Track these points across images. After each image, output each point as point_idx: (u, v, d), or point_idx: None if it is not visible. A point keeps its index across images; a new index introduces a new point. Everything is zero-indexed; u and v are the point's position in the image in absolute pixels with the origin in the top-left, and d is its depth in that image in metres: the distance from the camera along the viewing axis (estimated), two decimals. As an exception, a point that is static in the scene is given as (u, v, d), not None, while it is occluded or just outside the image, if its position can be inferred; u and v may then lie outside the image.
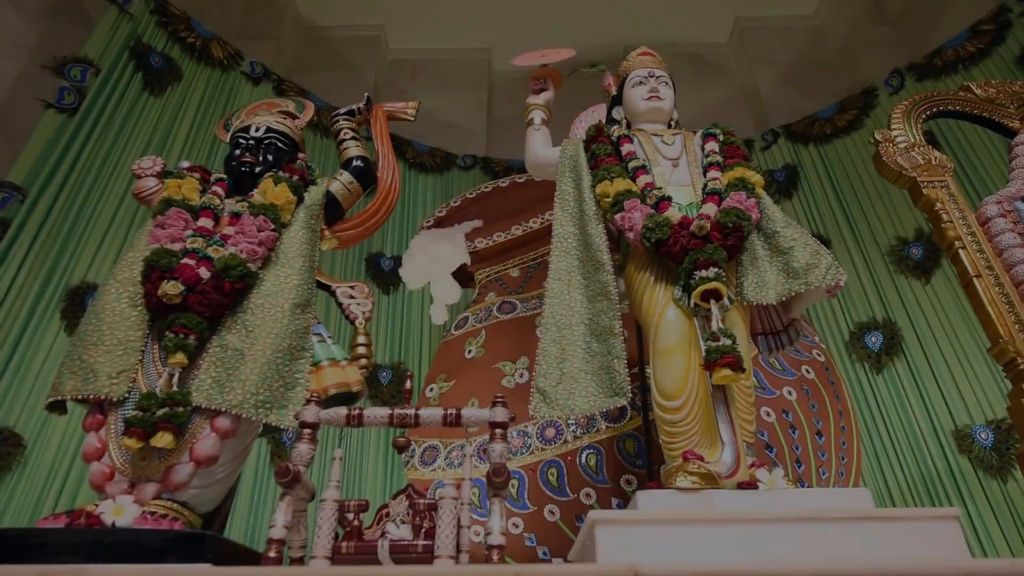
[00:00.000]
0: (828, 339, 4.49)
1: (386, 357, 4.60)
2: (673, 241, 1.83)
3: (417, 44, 7.08)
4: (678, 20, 7.05)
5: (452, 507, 1.32)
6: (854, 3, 6.50)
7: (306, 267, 1.93)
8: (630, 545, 1.34)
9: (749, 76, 6.63)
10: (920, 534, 1.34)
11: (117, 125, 3.87)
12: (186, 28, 4.54)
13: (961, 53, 4.70)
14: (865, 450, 4.07)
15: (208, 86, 4.55)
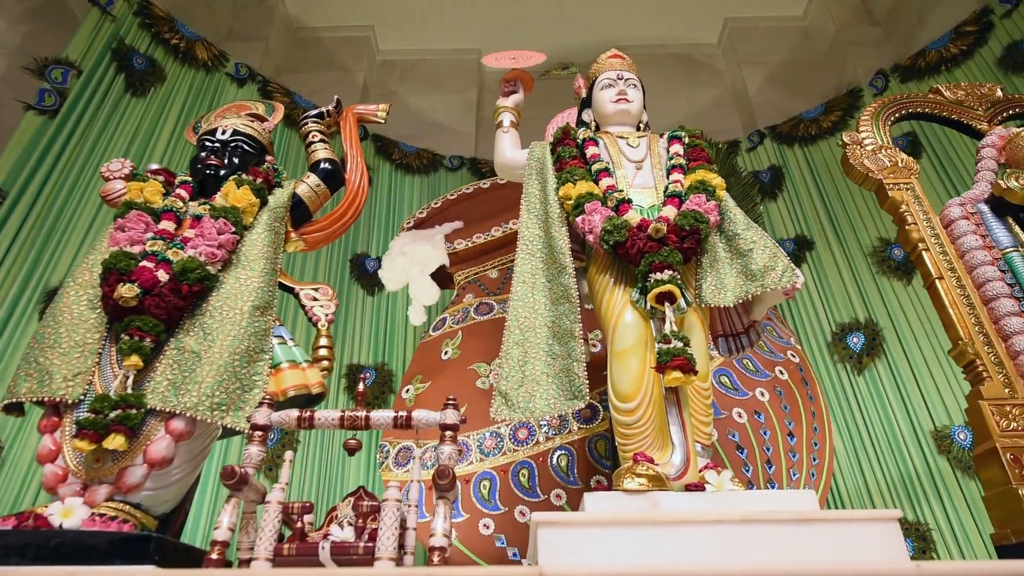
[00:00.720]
0: (810, 340, 4.50)
1: (370, 358, 4.60)
2: (630, 244, 1.83)
3: (407, 45, 7.09)
4: (668, 21, 7.06)
5: (395, 509, 1.33)
6: (842, 4, 6.51)
7: (267, 269, 1.94)
8: (573, 547, 1.35)
9: (738, 77, 6.65)
10: (861, 536, 1.35)
11: (98, 127, 3.87)
12: (170, 30, 4.54)
13: (944, 54, 4.70)
14: (845, 450, 4.08)
15: (192, 88, 4.55)
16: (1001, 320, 1.99)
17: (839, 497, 3.97)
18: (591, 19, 7.01)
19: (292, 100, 5.14)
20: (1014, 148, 2.31)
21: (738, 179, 4.49)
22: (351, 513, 1.40)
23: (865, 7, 6.42)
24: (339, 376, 4.48)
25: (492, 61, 2.61)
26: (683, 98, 6.77)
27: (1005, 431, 1.81)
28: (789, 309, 4.72)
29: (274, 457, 3.95)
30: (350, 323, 4.68)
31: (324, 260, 4.79)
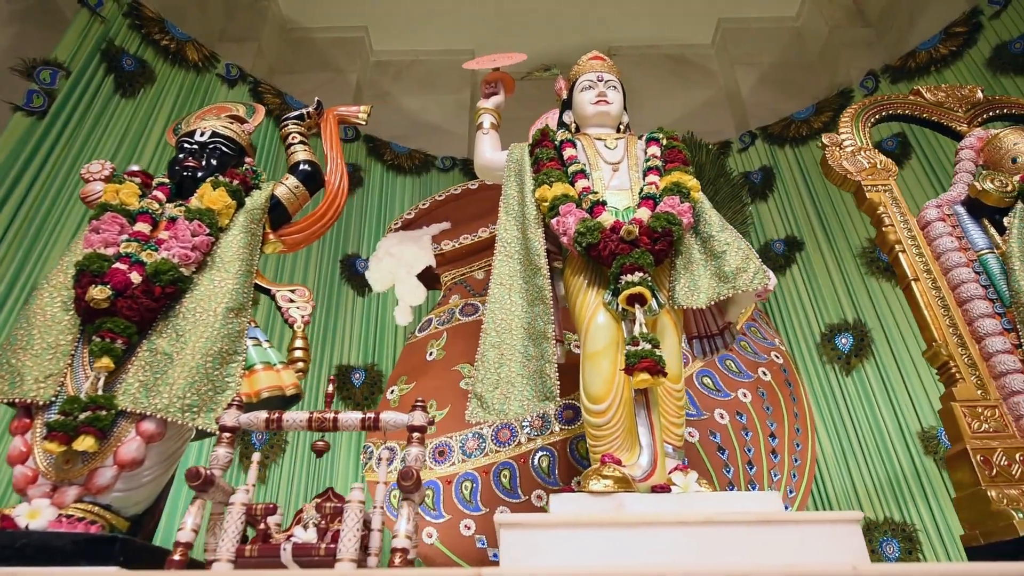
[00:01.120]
0: (799, 340, 4.51)
1: (359, 359, 4.61)
2: (602, 245, 1.84)
3: (401, 46, 7.11)
4: (662, 21, 7.07)
5: (357, 511, 1.33)
6: (835, 4, 6.52)
7: (243, 271, 1.94)
8: (536, 548, 1.35)
9: (731, 77, 6.66)
10: (822, 538, 1.35)
11: (87, 128, 3.88)
12: (160, 31, 4.55)
13: (934, 55, 4.71)
14: (833, 451, 4.09)
15: (182, 89, 4.57)
16: (975, 322, 1.99)
17: (826, 498, 3.98)
18: (584, 20, 7.02)
19: (283, 101, 5.15)
20: (992, 150, 2.32)
21: (727, 180, 4.50)
22: (316, 515, 1.40)
23: (857, 8, 6.42)
24: (329, 375, 4.48)
25: (474, 65, 2.62)
26: (676, 99, 6.78)
27: (976, 432, 1.81)
28: (779, 309, 4.73)
29: (263, 458, 3.96)
30: (340, 324, 4.70)
31: (315, 261, 4.80)
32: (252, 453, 3.92)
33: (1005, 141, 2.28)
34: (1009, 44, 4.28)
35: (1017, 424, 1.83)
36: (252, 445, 3.94)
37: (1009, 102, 2.59)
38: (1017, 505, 1.65)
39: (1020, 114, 2.56)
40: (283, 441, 4.04)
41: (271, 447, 3.98)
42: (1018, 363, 1.89)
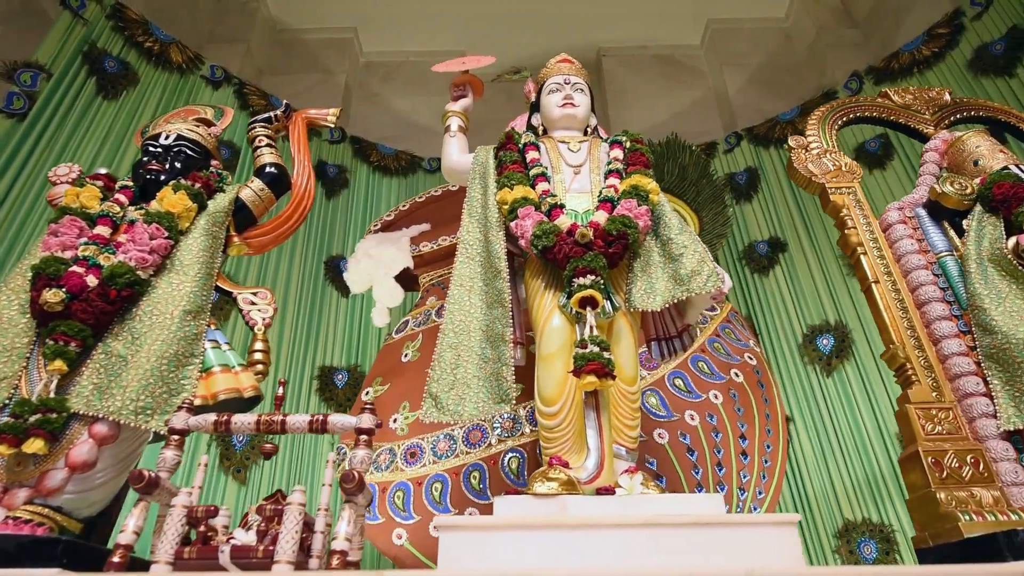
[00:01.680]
0: (781, 341, 4.52)
1: (342, 360, 4.63)
2: (557, 248, 1.85)
3: (390, 46, 7.10)
4: (651, 22, 7.06)
5: (297, 513, 1.34)
6: (823, 6, 6.52)
7: (202, 274, 1.95)
8: (476, 550, 1.36)
9: (719, 78, 6.66)
10: (761, 540, 1.36)
11: (68, 130, 3.90)
12: (144, 32, 4.57)
13: (916, 56, 4.72)
14: (812, 451, 4.10)
15: (166, 90, 4.58)
16: (932, 324, 2.00)
17: (805, 498, 3.99)
18: (575, 21, 7.02)
19: (268, 102, 5.17)
20: (955, 152, 2.33)
21: (710, 182, 4.49)
22: (258, 517, 1.41)
23: (845, 9, 6.43)
24: (311, 378, 4.50)
25: (443, 68, 2.62)
26: (665, 99, 6.78)
27: (929, 435, 1.82)
28: (761, 310, 4.74)
29: (243, 459, 3.97)
30: (323, 325, 4.71)
31: (299, 262, 4.81)
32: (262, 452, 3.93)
33: (968, 144, 2.29)
34: (990, 45, 4.29)
35: (970, 426, 1.84)
36: (232, 447, 3.95)
37: (976, 104, 2.60)
38: (965, 507, 1.66)
39: (987, 116, 2.57)
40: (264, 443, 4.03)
41: (252, 448, 3.99)
42: (973, 365, 1.90)
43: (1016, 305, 1.83)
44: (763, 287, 4.82)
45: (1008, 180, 2.04)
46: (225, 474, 3.85)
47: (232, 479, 3.86)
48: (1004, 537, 1.42)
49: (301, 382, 4.42)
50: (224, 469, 3.85)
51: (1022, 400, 1.75)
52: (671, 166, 4.60)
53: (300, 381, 4.42)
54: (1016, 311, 1.82)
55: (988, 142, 2.26)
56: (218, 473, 3.84)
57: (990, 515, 1.62)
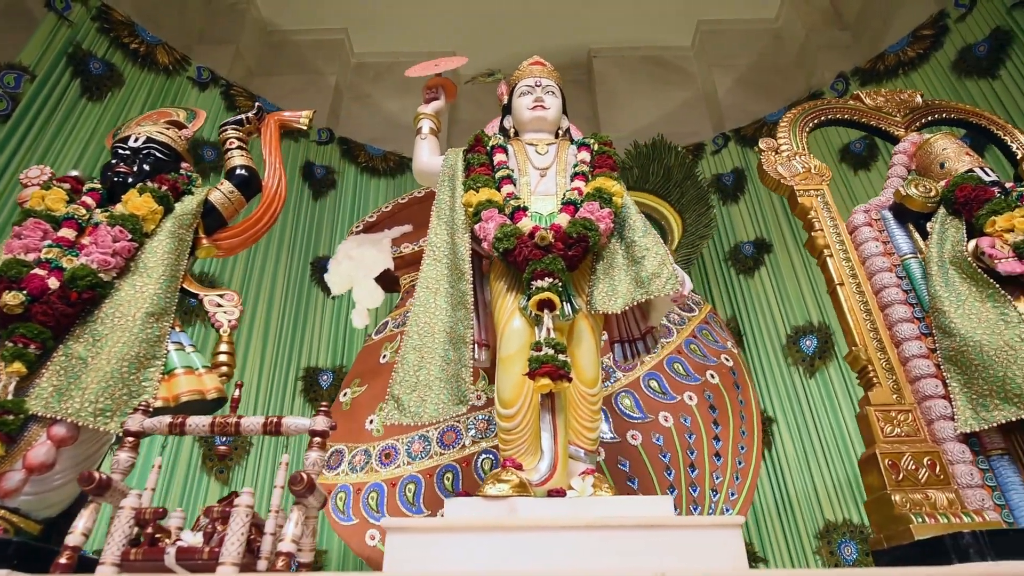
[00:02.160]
0: (765, 342, 4.52)
1: (327, 361, 4.63)
2: (518, 251, 1.86)
3: (381, 47, 7.11)
4: (642, 23, 7.06)
5: (243, 515, 1.35)
6: (812, 7, 6.52)
7: (166, 276, 1.96)
8: (422, 553, 1.37)
9: (709, 79, 6.66)
10: (705, 542, 1.37)
11: (52, 131, 3.90)
12: (130, 34, 4.58)
13: (902, 58, 4.73)
14: (795, 451, 4.10)
15: (152, 92, 4.59)
16: (895, 326, 2.01)
17: (787, 498, 3.99)
18: (566, 22, 7.03)
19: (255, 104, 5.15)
20: (922, 154, 2.33)
21: (694, 183, 4.51)
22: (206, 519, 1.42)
23: (835, 10, 6.43)
24: (296, 379, 4.51)
25: (415, 71, 2.63)
26: (655, 101, 6.78)
27: (888, 437, 1.82)
28: (746, 311, 4.74)
29: (226, 460, 3.97)
30: (309, 326, 4.72)
31: (284, 263, 4.82)
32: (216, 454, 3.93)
33: (935, 146, 2.29)
34: (973, 47, 4.28)
35: (929, 428, 1.84)
36: (215, 446, 3.96)
37: (948, 107, 2.60)
38: (919, 509, 1.67)
39: (958, 118, 2.58)
40: (247, 443, 4.05)
41: (235, 448, 3.99)
42: (933, 368, 1.91)
43: (975, 308, 1.84)
44: (748, 288, 4.83)
45: (971, 183, 2.05)
46: (208, 475, 3.85)
47: (215, 479, 3.86)
48: (950, 540, 1.43)
49: (286, 383, 4.43)
50: (207, 470, 3.86)
51: (979, 403, 1.76)
52: (656, 167, 4.61)
53: (285, 382, 4.43)
54: (974, 314, 1.83)
55: (955, 145, 2.26)
56: (200, 473, 3.84)
57: (943, 517, 1.62)
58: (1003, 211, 1.92)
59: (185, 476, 3.78)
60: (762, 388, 4.41)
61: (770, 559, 3.91)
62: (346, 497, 2.79)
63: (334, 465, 2.91)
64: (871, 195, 4.39)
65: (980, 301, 1.85)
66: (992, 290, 1.83)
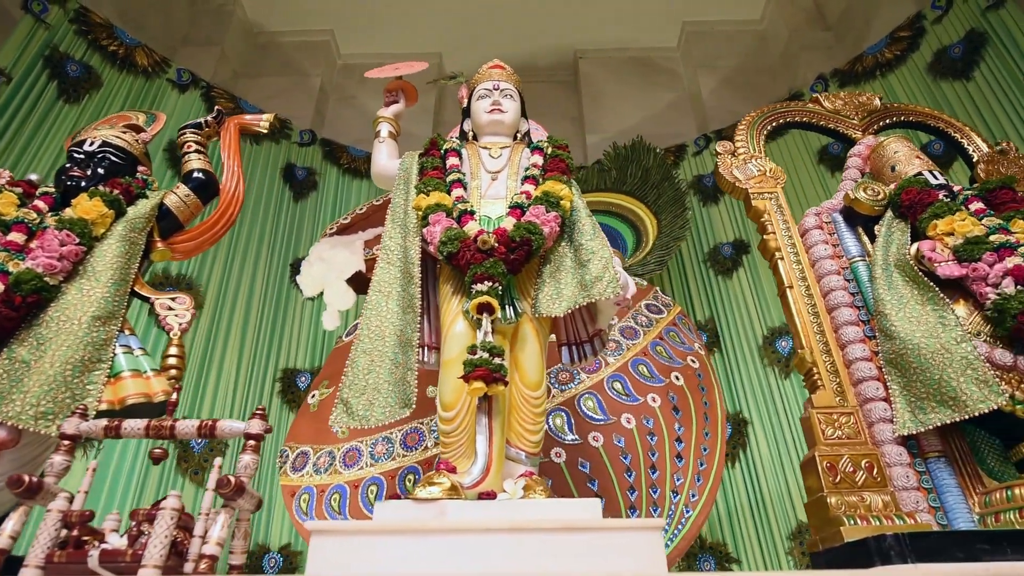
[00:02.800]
0: (742, 342, 4.54)
1: (306, 362, 4.65)
2: (461, 255, 1.87)
3: (367, 49, 7.11)
4: (629, 25, 7.07)
5: (168, 518, 1.36)
6: (797, 8, 6.52)
7: (116, 280, 1.97)
8: (345, 556, 1.38)
9: (694, 80, 6.67)
10: (627, 545, 1.38)
11: (28, 133, 3.92)
12: (108, 36, 4.59)
13: (879, 59, 4.74)
14: (770, 452, 4.11)
15: (130, 94, 4.60)
16: (840, 329, 2.02)
17: (760, 499, 4.00)
18: (552, 23, 7.04)
19: (237, 105, 5.19)
20: (875, 157, 2.34)
21: (672, 185, 4.53)
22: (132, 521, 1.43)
23: (819, 11, 6.43)
24: (274, 380, 4.52)
25: (376, 74, 2.64)
26: (640, 102, 6.79)
27: (828, 439, 1.83)
28: (724, 312, 4.75)
29: (201, 461, 3.99)
30: (288, 327, 4.73)
31: (264, 264, 4.84)
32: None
33: (887, 149, 2.30)
34: (949, 49, 4.30)
35: (870, 431, 1.85)
36: (191, 449, 3.97)
37: (906, 109, 2.61)
38: (854, 511, 1.68)
39: (917, 121, 2.59)
40: (223, 445, 4.06)
41: (210, 451, 4.01)
42: (875, 370, 1.92)
43: (915, 311, 1.85)
44: (726, 289, 4.84)
45: (916, 186, 2.06)
46: (182, 476, 3.87)
47: (189, 481, 3.88)
48: (874, 542, 1.43)
49: (263, 384, 4.45)
50: (181, 471, 3.88)
51: (917, 405, 1.77)
52: (635, 169, 4.63)
53: (263, 383, 4.45)
54: (915, 317, 1.84)
55: (906, 148, 2.27)
56: (175, 475, 3.86)
57: (875, 520, 1.63)
58: (944, 215, 1.93)
59: (160, 478, 3.79)
60: (737, 389, 4.42)
61: (743, 560, 3.92)
62: (310, 499, 2.80)
63: (299, 467, 2.93)
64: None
65: (921, 304, 1.86)
66: (932, 293, 1.84)
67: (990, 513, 1.63)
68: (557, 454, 2.67)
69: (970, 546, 1.39)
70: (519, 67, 2.77)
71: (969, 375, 1.67)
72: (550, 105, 7.01)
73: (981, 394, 1.65)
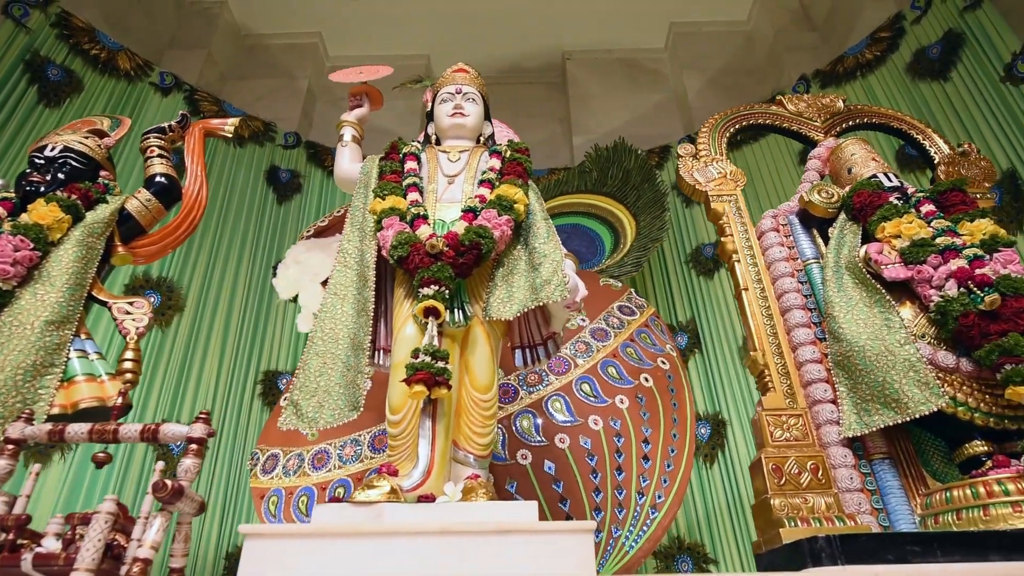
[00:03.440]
0: (722, 343, 4.54)
1: (288, 364, 4.66)
2: (410, 259, 1.88)
3: (355, 51, 7.12)
4: (616, 25, 7.07)
5: (103, 521, 1.37)
6: (783, 9, 6.53)
7: (70, 284, 1.98)
8: (277, 559, 1.39)
9: (681, 81, 6.68)
10: (558, 547, 1.39)
11: (6, 138, 3.93)
12: (90, 40, 4.60)
13: (860, 60, 4.74)
14: (748, 453, 4.11)
15: (112, 97, 4.61)
16: (792, 331, 2.02)
17: (739, 499, 4.00)
18: (539, 24, 7.04)
19: (220, 108, 5.20)
20: (834, 159, 2.35)
21: (652, 186, 4.54)
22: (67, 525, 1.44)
23: (804, 12, 6.44)
24: (255, 382, 4.53)
25: (340, 77, 2.65)
26: (627, 103, 6.80)
27: (776, 441, 1.84)
28: (705, 313, 4.76)
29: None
30: (270, 330, 4.74)
31: (246, 266, 4.85)
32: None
33: (844, 152, 2.31)
34: (927, 49, 4.30)
35: (818, 432, 1.86)
36: (171, 452, 3.99)
37: (868, 111, 2.62)
38: (796, 513, 1.68)
39: (880, 123, 2.59)
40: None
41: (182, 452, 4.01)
42: (824, 372, 1.92)
43: (863, 313, 1.85)
44: (708, 290, 4.84)
45: (868, 188, 2.06)
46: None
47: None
48: (807, 544, 1.44)
49: (245, 386, 4.46)
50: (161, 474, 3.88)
51: (863, 407, 1.78)
52: (616, 170, 4.65)
53: (244, 385, 4.46)
54: (862, 319, 1.84)
55: (863, 150, 2.28)
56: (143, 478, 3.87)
57: (816, 521, 1.64)
58: (892, 217, 1.93)
59: (138, 480, 3.81)
60: (717, 390, 4.42)
61: (720, 561, 3.92)
62: (278, 501, 2.81)
63: (270, 469, 2.94)
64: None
65: (868, 306, 1.86)
66: (879, 296, 1.85)
67: (930, 515, 1.64)
68: (523, 456, 2.68)
69: (900, 548, 1.40)
70: (507, 69, 2.78)
71: (911, 377, 1.68)
72: (538, 107, 7.03)
73: (922, 396, 1.65)
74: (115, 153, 3.37)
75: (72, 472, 3.54)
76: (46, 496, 3.38)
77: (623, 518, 2.67)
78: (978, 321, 1.65)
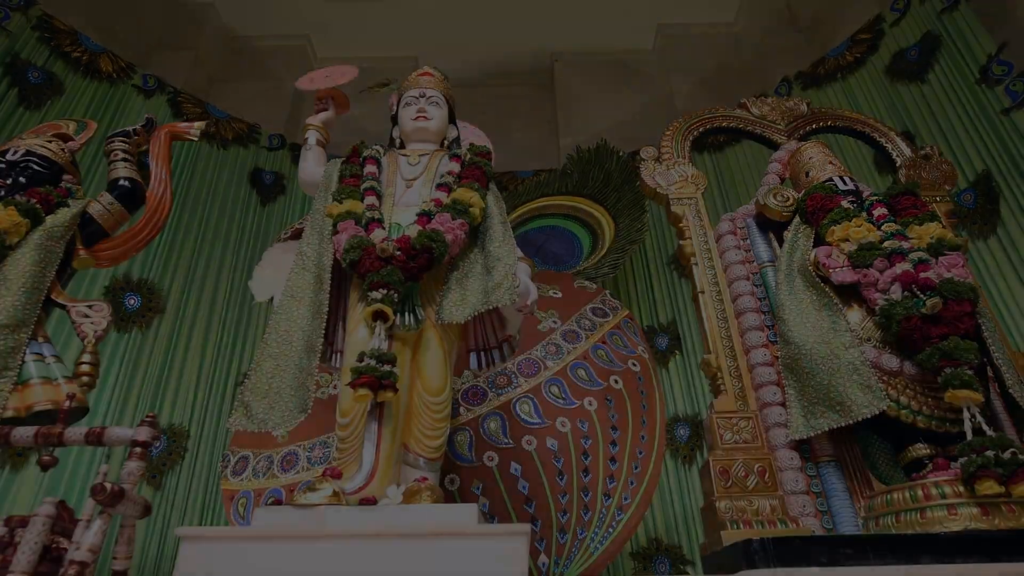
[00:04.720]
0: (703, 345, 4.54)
1: (269, 365, 4.66)
2: (362, 262, 1.89)
3: (344, 53, 7.11)
4: (604, 27, 7.07)
5: (40, 524, 1.38)
6: (770, 10, 6.53)
7: (27, 288, 1.99)
8: (215, 562, 1.40)
9: (668, 83, 6.68)
10: (494, 550, 1.40)
11: (-15, 141, 3.95)
12: (72, 42, 4.62)
13: (840, 62, 4.75)
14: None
15: (94, 100, 4.62)
16: (745, 334, 2.03)
17: (715, 503, 4.00)
18: (528, 26, 7.04)
19: (204, 110, 5.22)
20: (794, 163, 2.36)
21: (632, 188, 4.54)
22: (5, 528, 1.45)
23: (791, 13, 6.44)
24: (236, 384, 4.54)
25: (305, 83, 2.67)
26: (615, 104, 6.80)
27: (725, 444, 1.85)
28: (686, 314, 4.76)
29: (160, 465, 4.02)
30: (251, 332, 4.75)
31: (228, 268, 4.86)
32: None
33: (803, 155, 2.32)
34: (906, 51, 4.30)
35: (767, 435, 1.87)
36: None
37: (832, 114, 2.63)
38: (740, 516, 1.69)
39: (844, 126, 2.60)
40: (182, 449, 4.09)
41: (168, 454, 4.04)
42: (775, 375, 1.93)
43: (811, 316, 1.86)
44: (688, 292, 4.83)
45: (821, 192, 2.07)
46: (148, 485, 3.90)
47: (147, 484, 3.90)
48: (742, 547, 1.45)
49: (225, 388, 4.47)
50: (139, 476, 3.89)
51: (810, 410, 1.78)
52: (597, 172, 4.66)
53: (224, 387, 4.47)
54: (811, 322, 1.85)
55: (821, 153, 2.29)
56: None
57: (759, 524, 1.65)
58: (842, 221, 1.94)
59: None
60: (697, 391, 4.43)
61: (697, 563, 3.92)
62: (247, 503, 2.82)
63: (240, 471, 2.95)
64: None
65: (817, 310, 1.87)
66: (827, 299, 1.86)
67: (872, 518, 1.65)
68: (489, 458, 2.68)
69: (834, 551, 1.40)
70: (494, 70, 2.78)
71: (855, 380, 1.69)
72: (526, 108, 7.04)
73: (865, 399, 1.66)
74: (84, 156, 3.40)
75: (48, 474, 3.54)
76: (22, 499, 3.39)
77: (589, 520, 2.68)
78: (920, 325, 1.66)
